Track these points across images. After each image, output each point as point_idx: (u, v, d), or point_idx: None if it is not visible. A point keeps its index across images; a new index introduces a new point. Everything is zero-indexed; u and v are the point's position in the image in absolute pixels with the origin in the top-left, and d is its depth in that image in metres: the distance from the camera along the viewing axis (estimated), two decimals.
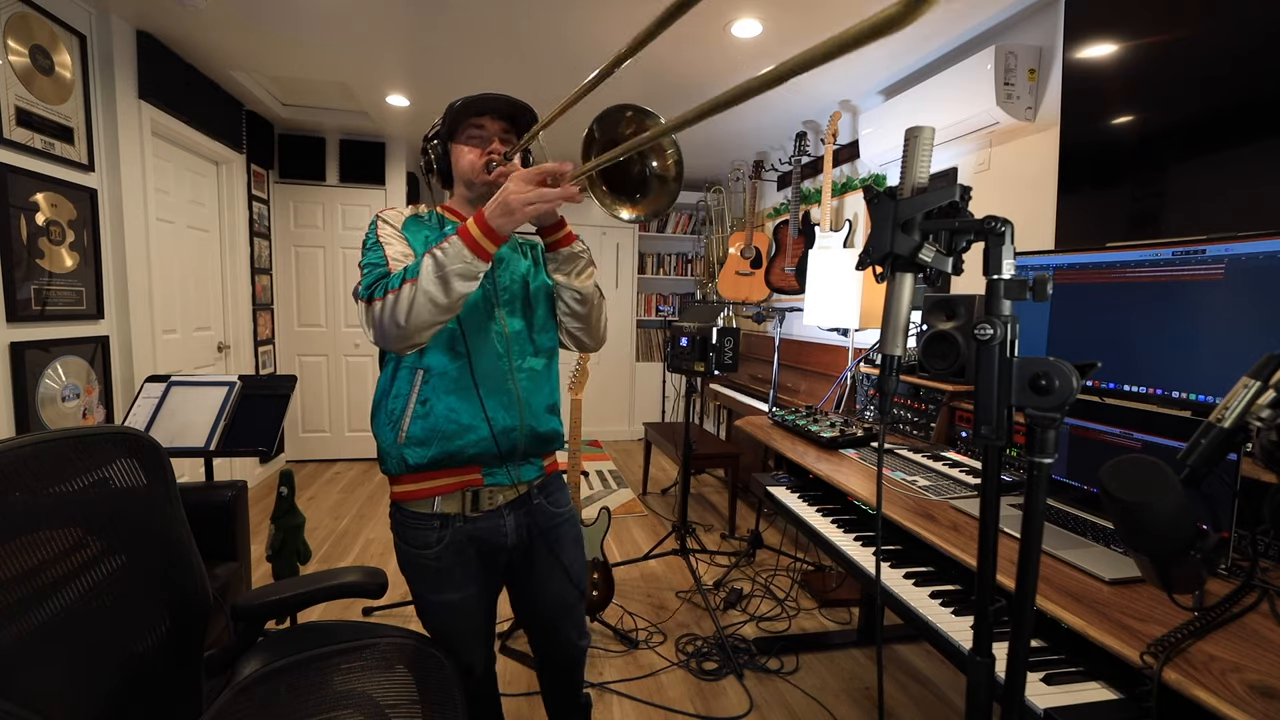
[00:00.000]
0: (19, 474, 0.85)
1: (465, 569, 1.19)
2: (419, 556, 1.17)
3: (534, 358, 1.21)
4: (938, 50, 2.63)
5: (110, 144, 2.54)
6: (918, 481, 1.54)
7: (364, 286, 1.06)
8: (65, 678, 0.87)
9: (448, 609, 1.20)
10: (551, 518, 1.27)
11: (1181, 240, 1.28)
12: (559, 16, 2.42)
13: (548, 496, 1.27)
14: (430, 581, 1.19)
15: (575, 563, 1.32)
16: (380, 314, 1.01)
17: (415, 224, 1.19)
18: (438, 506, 1.15)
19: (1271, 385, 0.75)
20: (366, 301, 1.04)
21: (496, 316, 1.17)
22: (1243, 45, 1.49)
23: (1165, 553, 0.70)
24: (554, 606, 1.31)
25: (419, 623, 1.26)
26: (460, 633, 1.23)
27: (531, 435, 1.19)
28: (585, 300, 1.21)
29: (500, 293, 1.19)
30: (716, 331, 2.73)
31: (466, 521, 1.17)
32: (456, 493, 1.16)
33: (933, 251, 0.69)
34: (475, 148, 1.18)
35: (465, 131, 1.18)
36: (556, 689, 1.47)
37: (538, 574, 1.28)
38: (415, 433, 1.12)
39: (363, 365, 4.52)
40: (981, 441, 0.67)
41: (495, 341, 1.16)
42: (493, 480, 1.18)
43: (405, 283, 0.99)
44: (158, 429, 1.96)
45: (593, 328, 1.26)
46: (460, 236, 0.98)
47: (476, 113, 1.16)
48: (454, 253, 0.97)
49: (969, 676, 0.73)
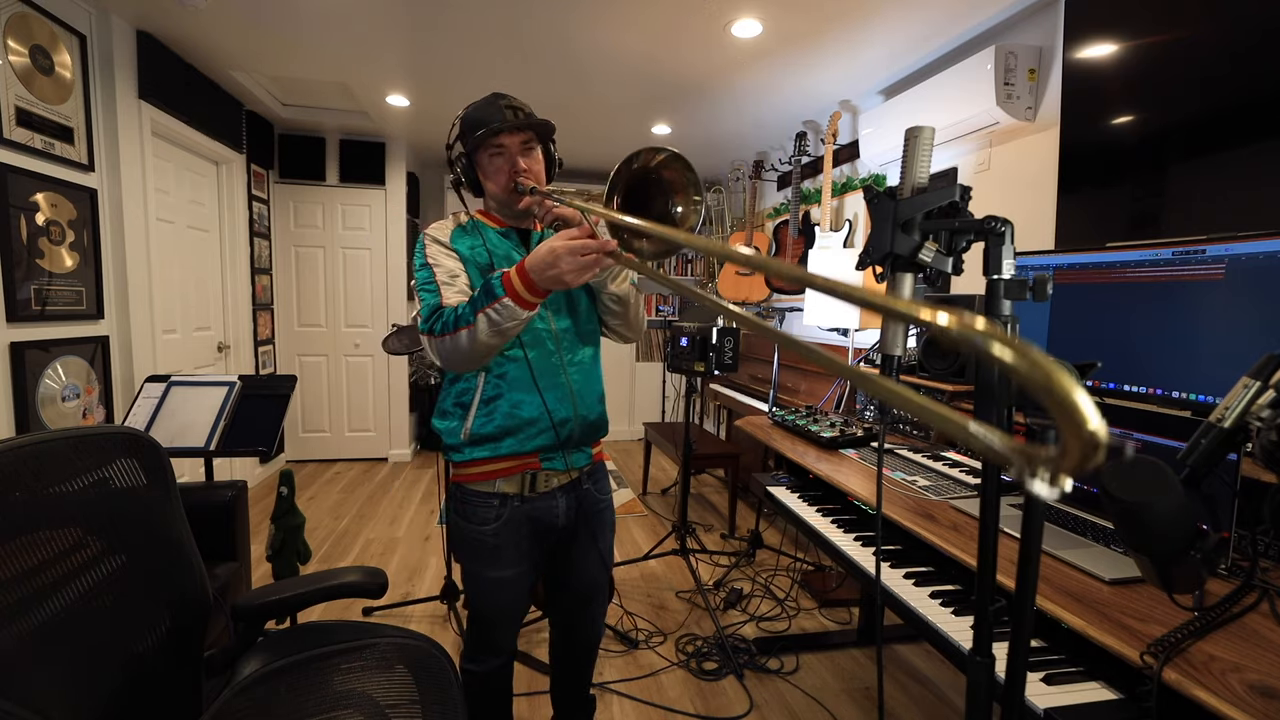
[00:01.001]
0: (19, 474, 0.85)
1: (518, 547, 1.27)
2: (477, 533, 1.25)
3: (581, 352, 1.31)
4: (938, 50, 2.63)
5: (110, 144, 2.54)
6: (918, 481, 1.54)
7: (423, 320, 1.16)
8: (65, 678, 0.87)
9: (497, 585, 1.28)
10: (596, 503, 1.37)
11: (1181, 240, 1.28)
12: (560, 16, 2.42)
13: (595, 484, 1.38)
14: (485, 558, 1.26)
15: (608, 548, 1.43)
16: (443, 349, 1.13)
17: (460, 235, 1.27)
18: (499, 487, 1.25)
19: (1271, 385, 0.75)
20: (428, 335, 1.14)
21: (545, 318, 1.26)
22: (1242, 45, 1.49)
23: (1165, 553, 0.70)
24: (587, 586, 1.42)
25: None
26: (503, 611, 1.32)
27: (584, 424, 1.29)
28: (622, 301, 1.30)
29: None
30: (716, 331, 2.73)
31: (524, 502, 1.26)
32: (516, 475, 1.25)
33: (933, 251, 0.69)
34: (501, 169, 1.22)
35: (487, 151, 1.22)
36: (568, 682, 1.54)
37: (576, 554, 1.38)
38: (481, 429, 1.22)
39: (362, 365, 4.53)
40: None
41: (546, 340, 1.25)
42: (549, 465, 1.27)
43: (461, 330, 1.09)
44: (158, 429, 1.96)
45: (632, 322, 1.35)
46: (510, 298, 1.06)
47: (494, 134, 1.19)
48: (507, 314, 1.06)
49: (969, 676, 0.73)
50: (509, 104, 1.21)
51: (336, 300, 4.43)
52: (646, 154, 1.02)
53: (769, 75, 2.95)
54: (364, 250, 4.44)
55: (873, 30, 2.46)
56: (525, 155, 1.22)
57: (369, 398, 4.56)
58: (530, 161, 1.23)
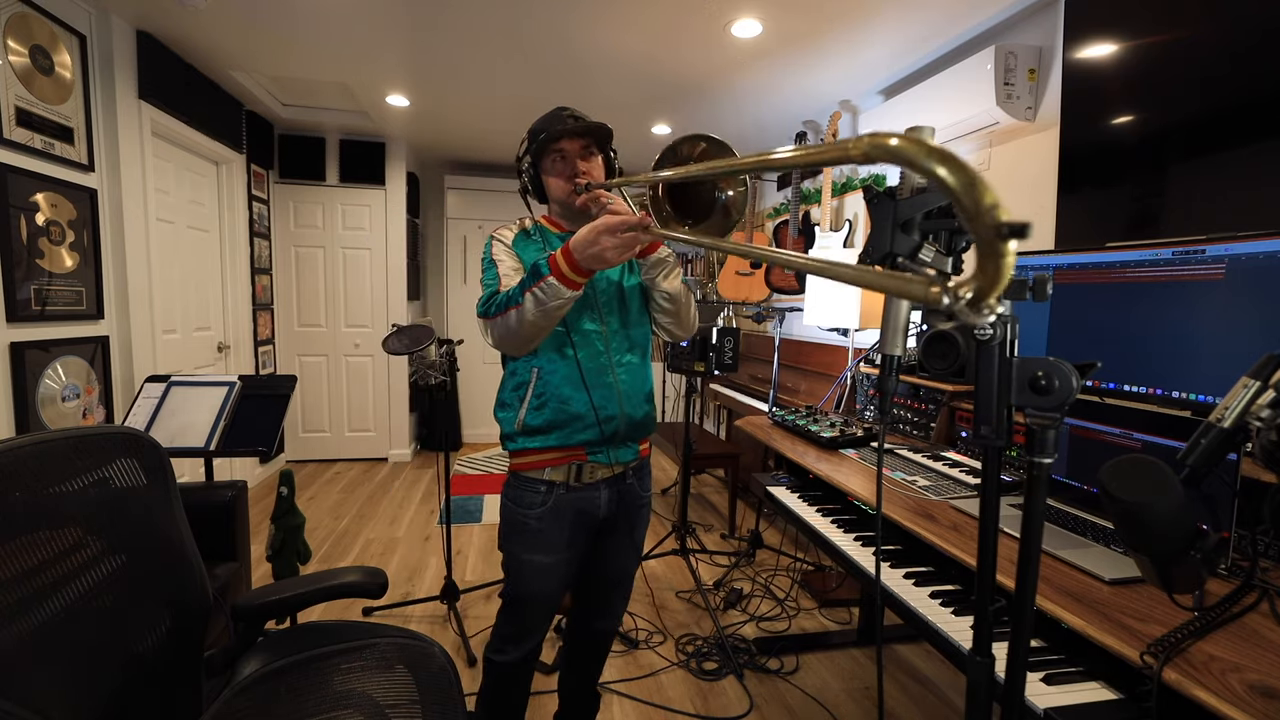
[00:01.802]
0: (19, 474, 0.85)
1: (559, 534, 1.33)
2: (524, 516, 1.32)
3: (630, 353, 1.35)
4: (938, 50, 2.63)
5: (110, 144, 2.54)
6: (918, 481, 1.54)
7: (481, 304, 1.24)
8: (65, 678, 0.87)
9: (536, 570, 1.34)
10: (637, 498, 1.43)
11: (1181, 240, 1.28)
12: (560, 16, 2.42)
13: (639, 480, 1.43)
14: (527, 541, 1.33)
15: (640, 543, 1.50)
16: (495, 330, 1.20)
17: (524, 240, 1.35)
18: (547, 474, 1.32)
19: (1271, 385, 0.75)
20: (483, 317, 1.23)
21: (595, 318, 1.32)
22: (1242, 45, 1.49)
23: (1165, 553, 0.70)
24: (615, 575, 1.50)
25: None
26: (539, 597, 1.37)
27: (630, 422, 1.34)
28: (674, 299, 1.34)
29: (598, 296, 1.33)
30: (716, 331, 2.73)
31: (569, 490, 1.32)
32: (564, 465, 1.32)
33: (932, 251, 0.68)
34: (561, 174, 1.30)
35: (549, 157, 1.30)
36: (579, 673, 1.60)
37: (611, 544, 1.44)
38: (531, 421, 1.29)
39: (362, 365, 4.53)
40: (981, 441, 0.67)
41: (596, 341, 1.31)
42: (595, 458, 1.33)
43: (511, 309, 1.16)
44: (158, 429, 1.96)
45: (683, 320, 1.39)
46: (555, 277, 1.12)
47: (555, 139, 1.27)
48: (552, 292, 1.12)
49: (969, 676, 0.73)
50: (571, 114, 1.29)
51: (336, 300, 4.43)
52: (686, 146, 1.08)
53: (769, 75, 2.95)
54: (364, 250, 4.44)
55: (873, 30, 2.46)
56: (585, 160, 1.29)
57: (369, 398, 4.56)
58: (590, 165, 1.30)
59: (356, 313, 4.48)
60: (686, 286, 1.37)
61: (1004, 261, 0.29)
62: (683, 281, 1.36)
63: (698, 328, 1.51)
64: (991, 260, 0.29)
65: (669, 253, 1.32)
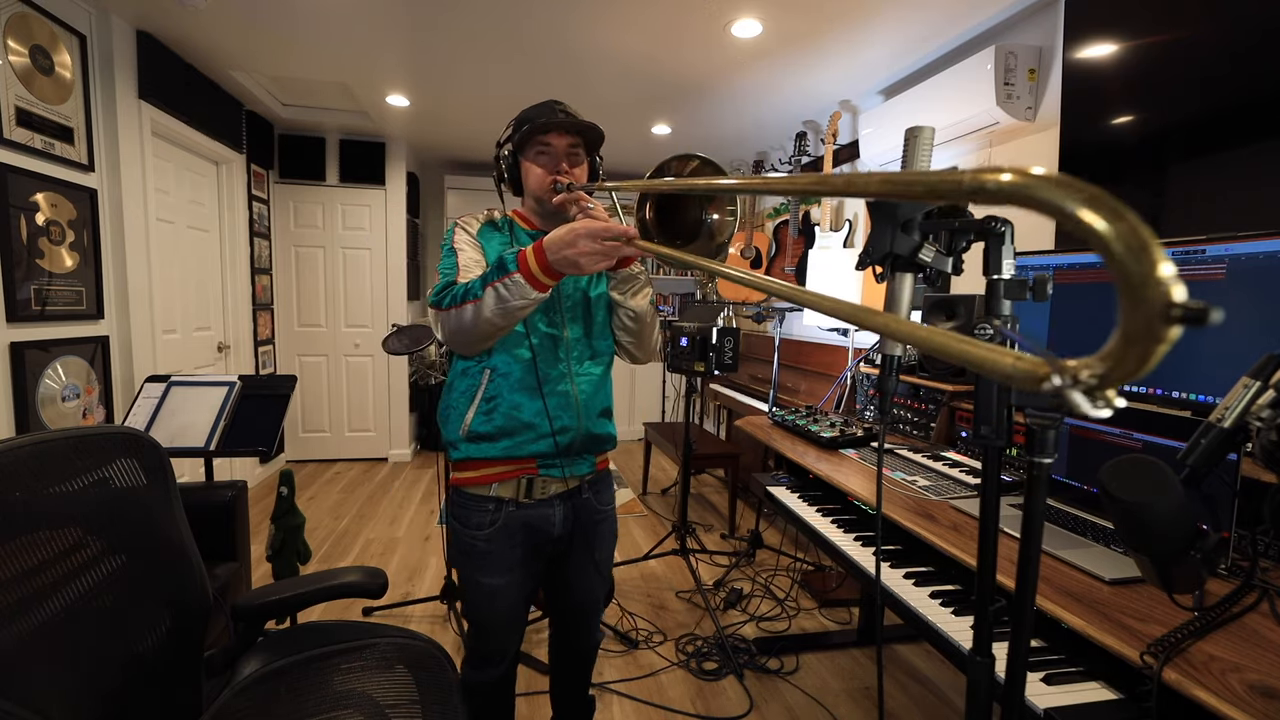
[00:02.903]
0: (19, 474, 0.85)
1: (511, 553, 1.24)
2: (471, 537, 1.23)
3: (591, 363, 1.28)
4: (937, 50, 2.63)
5: (110, 144, 2.54)
6: (918, 481, 1.54)
7: (434, 293, 1.15)
8: (65, 678, 0.87)
9: (490, 592, 1.25)
10: (595, 514, 1.33)
11: (1181, 240, 1.28)
12: (560, 17, 2.42)
13: (596, 494, 1.33)
14: (478, 563, 1.24)
15: (606, 560, 1.40)
16: (447, 323, 1.11)
17: (489, 231, 1.27)
18: (494, 491, 1.23)
19: (1271, 385, 0.75)
20: (436, 308, 1.13)
21: (558, 324, 1.24)
22: (1242, 45, 1.49)
23: (1165, 553, 0.70)
24: (583, 600, 1.39)
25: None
26: (499, 618, 1.29)
27: (587, 436, 1.26)
28: (639, 319, 1.27)
29: (563, 300, 1.25)
30: (716, 331, 2.73)
31: (519, 507, 1.23)
32: (512, 480, 1.23)
33: (933, 251, 0.69)
34: (543, 166, 1.22)
35: (534, 148, 1.23)
36: (567, 685, 1.54)
37: (573, 566, 1.34)
38: (479, 427, 1.20)
39: (362, 365, 4.53)
40: (981, 441, 0.68)
41: (557, 348, 1.23)
42: (547, 472, 1.24)
43: (468, 302, 1.07)
44: (158, 429, 1.96)
45: (645, 343, 1.32)
46: (522, 274, 1.03)
47: (544, 130, 1.20)
48: (516, 290, 1.04)
49: (969, 676, 0.73)
50: (563, 108, 1.23)
51: (336, 300, 4.43)
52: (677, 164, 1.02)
53: (769, 75, 2.95)
54: (364, 250, 4.44)
55: (873, 30, 2.46)
56: (570, 159, 1.23)
57: (369, 398, 4.56)
58: (574, 166, 1.24)
59: (356, 313, 4.48)
60: (654, 308, 1.31)
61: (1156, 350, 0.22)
62: (650, 302, 1.29)
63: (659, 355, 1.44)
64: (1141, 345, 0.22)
65: (642, 270, 1.26)
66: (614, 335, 1.32)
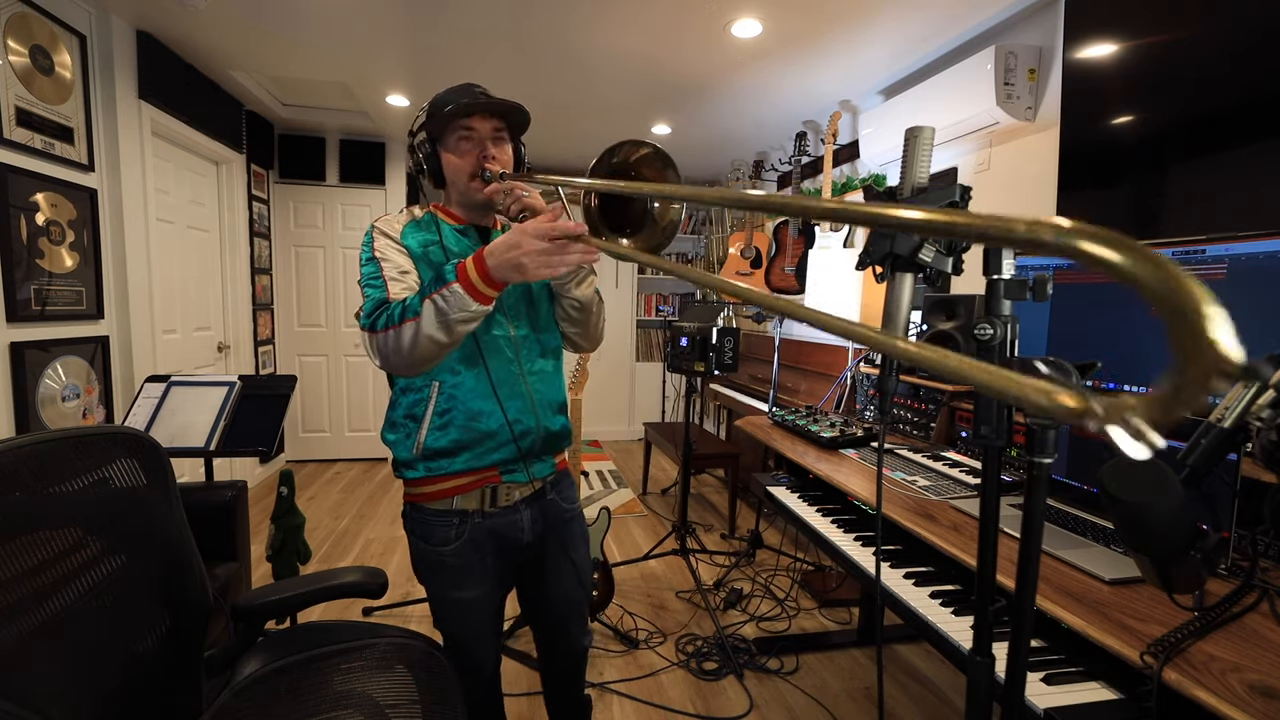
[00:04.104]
0: (19, 474, 0.85)
1: (481, 565, 1.19)
2: (437, 554, 1.17)
3: (542, 359, 1.23)
4: (938, 50, 2.63)
5: (110, 144, 2.54)
6: (918, 481, 1.54)
7: (365, 314, 1.05)
8: (65, 678, 0.87)
9: (463, 607, 1.21)
10: (563, 513, 1.29)
11: (1182, 240, 1.28)
12: (560, 17, 2.42)
13: (560, 493, 1.29)
14: (448, 579, 1.19)
15: (583, 560, 1.34)
16: (384, 346, 1.02)
17: (413, 229, 1.17)
18: (457, 504, 1.16)
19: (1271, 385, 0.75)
20: (369, 331, 1.03)
21: (503, 323, 1.18)
22: (1242, 45, 1.49)
23: (1165, 553, 0.70)
24: (563, 604, 1.33)
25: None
26: (474, 630, 1.24)
27: (545, 434, 1.21)
28: (584, 308, 1.22)
29: (504, 299, 1.17)
30: (716, 331, 2.73)
31: (485, 517, 1.18)
32: (475, 490, 1.17)
33: (933, 251, 0.69)
34: (466, 153, 1.14)
35: (455, 134, 1.14)
36: (559, 688, 1.48)
37: (549, 571, 1.29)
38: (434, 443, 1.13)
39: (363, 365, 4.52)
40: (981, 441, 0.68)
41: (505, 347, 1.17)
42: (510, 478, 1.19)
43: (406, 322, 0.99)
44: (158, 429, 1.96)
45: (590, 331, 1.28)
46: (461, 285, 0.96)
47: (465, 113, 1.11)
48: (456, 302, 0.96)
49: (969, 676, 0.73)
50: (483, 91, 1.15)
51: (336, 300, 4.43)
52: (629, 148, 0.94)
53: (769, 75, 2.95)
54: None
55: (873, 30, 2.46)
56: (495, 144, 1.14)
57: (369, 398, 4.56)
58: (499, 152, 1.14)
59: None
60: (599, 295, 1.25)
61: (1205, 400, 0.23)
62: (595, 291, 1.23)
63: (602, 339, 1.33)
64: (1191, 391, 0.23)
65: None
66: (557, 326, 1.27)
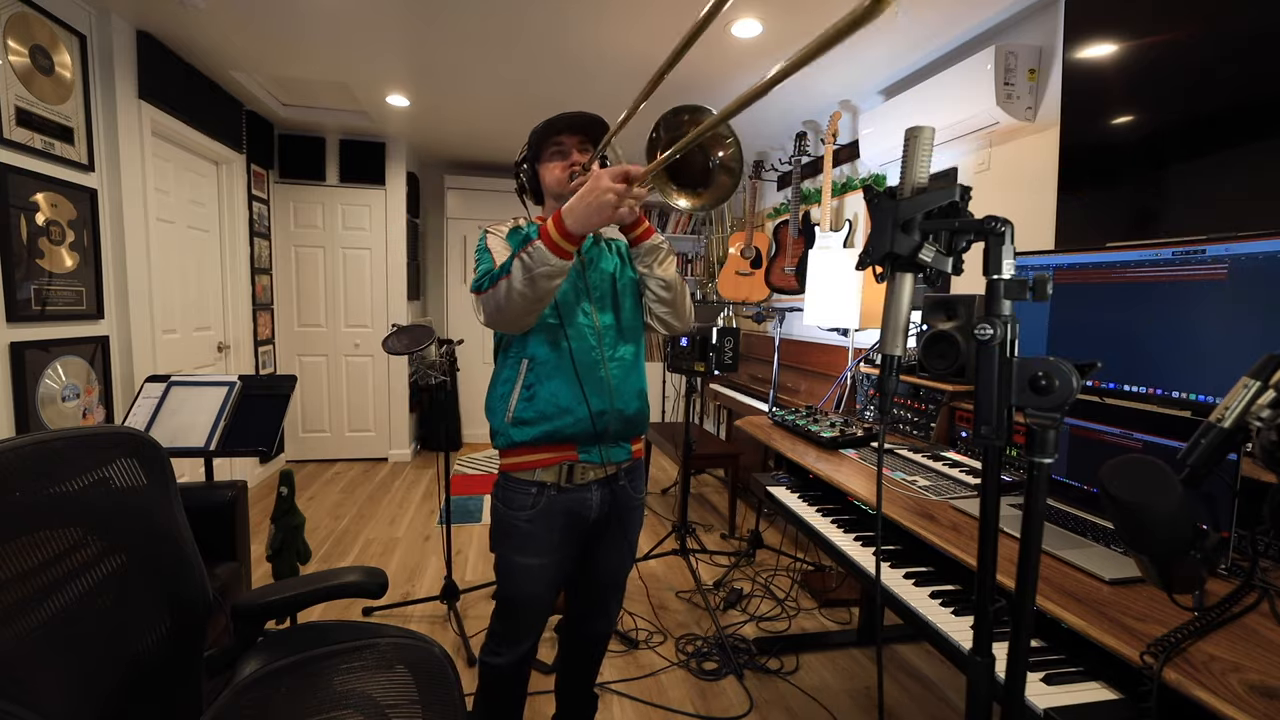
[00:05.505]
0: (19, 474, 0.85)
1: (549, 536, 1.32)
2: (514, 518, 1.32)
3: (623, 347, 1.35)
4: (938, 50, 2.63)
5: (110, 144, 2.54)
6: (918, 481, 1.54)
7: (475, 282, 1.25)
8: (65, 678, 0.86)
9: (526, 572, 1.33)
10: (630, 500, 1.42)
11: (1182, 240, 1.28)
12: (559, 17, 2.42)
13: (631, 482, 1.42)
14: (517, 543, 1.32)
15: (634, 543, 1.50)
16: (486, 305, 1.20)
17: (516, 235, 1.35)
18: (538, 475, 1.31)
19: (1271, 385, 0.75)
20: (476, 292, 1.23)
21: (589, 312, 1.32)
22: (1243, 45, 1.49)
23: (1165, 553, 0.70)
24: (609, 578, 1.49)
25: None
26: (530, 600, 1.36)
27: (621, 418, 1.33)
28: (670, 286, 1.35)
29: (591, 290, 1.34)
30: (716, 331, 2.73)
31: (560, 491, 1.32)
32: (555, 466, 1.31)
33: (933, 251, 0.69)
34: (559, 163, 1.34)
35: (548, 150, 1.34)
36: (575, 675, 1.60)
37: (605, 545, 1.43)
38: (522, 413, 1.28)
39: (362, 365, 4.53)
40: (981, 441, 0.67)
41: (589, 335, 1.31)
42: (586, 458, 1.32)
43: (500, 280, 1.17)
44: (158, 429, 1.96)
45: (680, 310, 1.39)
46: (542, 241, 1.12)
47: (555, 131, 1.32)
48: (539, 257, 1.12)
49: (969, 676, 0.73)
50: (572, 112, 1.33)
51: (336, 300, 4.43)
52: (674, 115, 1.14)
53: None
54: (364, 250, 4.44)
55: (873, 30, 2.46)
56: (581, 153, 1.34)
57: (369, 398, 4.56)
58: (584, 158, 1.34)
59: (356, 313, 4.48)
60: (681, 276, 1.38)
61: None
62: (677, 272, 1.38)
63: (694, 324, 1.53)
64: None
65: (663, 240, 1.35)
66: (649, 311, 1.39)
